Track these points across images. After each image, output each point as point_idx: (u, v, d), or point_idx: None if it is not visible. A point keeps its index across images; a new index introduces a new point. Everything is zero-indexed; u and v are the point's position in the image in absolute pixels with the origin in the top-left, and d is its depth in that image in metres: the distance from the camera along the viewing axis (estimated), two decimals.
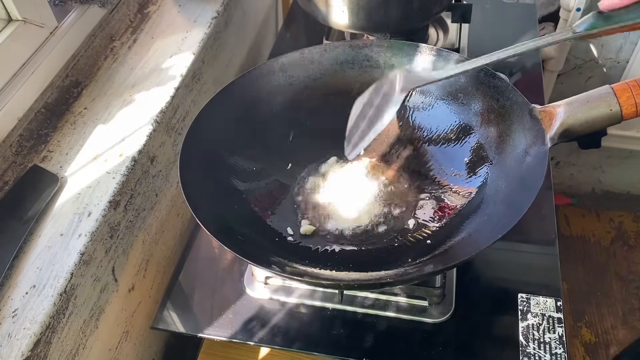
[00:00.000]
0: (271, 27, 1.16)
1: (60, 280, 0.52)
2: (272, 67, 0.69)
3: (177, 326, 0.63)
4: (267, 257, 0.56)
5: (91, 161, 0.63)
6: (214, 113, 0.63)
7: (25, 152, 0.63)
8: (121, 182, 0.61)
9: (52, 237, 0.55)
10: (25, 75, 0.63)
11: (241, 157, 0.65)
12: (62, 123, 0.67)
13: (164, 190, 0.73)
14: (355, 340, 0.59)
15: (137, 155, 0.64)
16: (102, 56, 0.76)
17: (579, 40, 0.49)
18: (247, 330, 0.61)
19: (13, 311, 0.50)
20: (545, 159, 0.52)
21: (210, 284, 0.66)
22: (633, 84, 0.51)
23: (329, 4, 0.75)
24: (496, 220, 0.54)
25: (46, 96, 0.66)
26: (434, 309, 0.60)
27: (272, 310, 0.62)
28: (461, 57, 0.65)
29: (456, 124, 0.66)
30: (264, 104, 0.69)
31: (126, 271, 0.64)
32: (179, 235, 0.78)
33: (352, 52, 0.70)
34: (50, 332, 0.50)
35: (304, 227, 0.62)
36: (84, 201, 0.59)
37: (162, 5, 0.86)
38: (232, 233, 0.57)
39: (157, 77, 0.73)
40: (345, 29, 0.80)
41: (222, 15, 0.86)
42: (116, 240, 0.61)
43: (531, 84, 0.85)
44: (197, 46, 0.78)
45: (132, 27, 0.81)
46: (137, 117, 0.67)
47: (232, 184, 0.63)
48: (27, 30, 0.64)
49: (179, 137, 0.75)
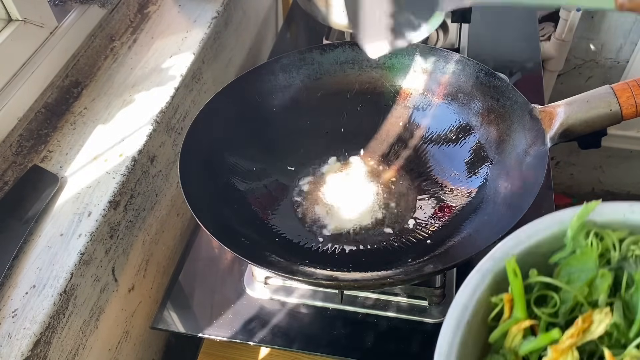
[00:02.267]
0: (271, 27, 1.16)
1: (60, 280, 0.52)
2: (272, 67, 0.69)
3: (177, 326, 0.63)
4: (267, 257, 0.56)
5: (91, 161, 0.63)
6: (214, 113, 0.63)
7: (25, 152, 0.63)
8: (121, 182, 0.61)
9: (52, 237, 0.55)
10: (25, 75, 0.63)
11: (241, 157, 0.65)
12: (62, 123, 0.67)
13: (164, 190, 0.73)
14: (355, 341, 0.59)
15: (137, 155, 0.64)
16: (102, 56, 0.76)
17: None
18: (247, 331, 0.61)
19: (13, 311, 0.50)
20: (545, 159, 0.52)
21: (210, 284, 0.66)
22: (633, 84, 0.52)
23: (329, 4, 0.75)
24: (496, 220, 0.54)
25: (46, 96, 0.66)
26: (434, 309, 0.60)
27: (272, 311, 0.62)
28: (462, 56, 0.65)
29: (456, 124, 0.66)
30: (264, 104, 0.69)
31: (126, 271, 0.64)
32: (179, 235, 0.78)
33: (352, 52, 0.70)
34: (50, 332, 0.50)
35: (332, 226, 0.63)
36: (84, 201, 0.59)
37: (162, 5, 0.86)
38: (232, 233, 0.57)
39: (157, 77, 0.73)
40: (345, 28, 0.80)
41: (222, 15, 0.86)
42: (116, 240, 0.61)
43: (531, 84, 0.85)
44: (197, 46, 0.78)
45: (132, 27, 0.81)
46: (137, 117, 0.67)
47: (232, 184, 0.63)
48: (27, 30, 0.64)
49: (179, 137, 0.75)
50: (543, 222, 0.40)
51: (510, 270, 0.37)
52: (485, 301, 0.38)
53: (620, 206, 0.39)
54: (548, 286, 0.38)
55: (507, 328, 0.37)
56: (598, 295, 0.36)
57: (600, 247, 0.37)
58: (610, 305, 0.35)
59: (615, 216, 0.38)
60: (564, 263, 0.38)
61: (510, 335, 0.36)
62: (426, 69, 0.68)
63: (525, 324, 0.36)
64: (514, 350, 0.36)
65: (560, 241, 0.39)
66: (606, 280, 0.36)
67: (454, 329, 0.35)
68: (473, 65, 0.64)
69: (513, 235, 0.40)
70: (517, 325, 0.36)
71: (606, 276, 0.36)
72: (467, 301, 0.37)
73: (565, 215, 0.39)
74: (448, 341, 0.35)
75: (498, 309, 0.37)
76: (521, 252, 0.39)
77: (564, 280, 0.37)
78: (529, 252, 0.39)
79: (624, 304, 0.35)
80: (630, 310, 0.35)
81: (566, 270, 0.38)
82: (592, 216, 0.38)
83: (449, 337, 0.35)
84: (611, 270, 0.36)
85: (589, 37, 1.27)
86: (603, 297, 0.35)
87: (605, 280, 0.36)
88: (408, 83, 0.70)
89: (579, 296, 0.36)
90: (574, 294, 0.36)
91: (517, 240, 0.40)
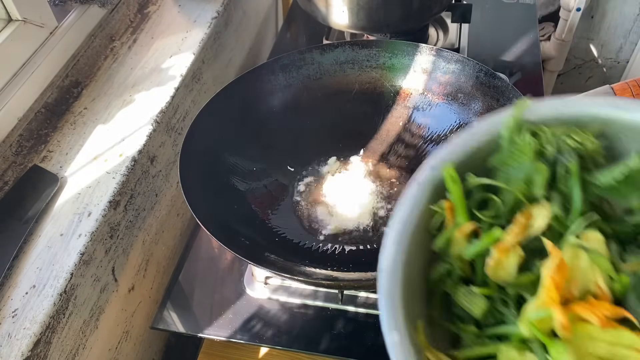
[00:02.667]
0: (271, 27, 1.16)
1: (60, 280, 0.52)
2: (272, 67, 0.69)
3: (177, 326, 0.63)
4: (267, 257, 0.56)
5: (91, 161, 0.63)
6: (214, 113, 0.63)
7: (25, 152, 0.63)
8: (121, 182, 0.61)
9: (52, 237, 0.55)
10: (25, 75, 0.63)
11: (241, 157, 0.65)
12: (62, 123, 0.67)
13: (164, 190, 0.73)
14: (355, 341, 0.59)
15: (137, 155, 0.64)
16: (102, 56, 0.76)
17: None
18: (247, 330, 0.61)
19: (13, 311, 0.50)
20: None
21: (210, 284, 0.66)
22: (633, 84, 0.52)
23: (329, 4, 0.75)
24: None
25: (46, 96, 0.66)
26: None
27: (272, 310, 0.62)
28: (462, 56, 0.65)
29: (456, 124, 0.66)
30: (264, 104, 0.69)
31: (126, 271, 0.64)
32: (179, 235, 0.78)
33: (352, 52, 0.70)
34: (50, 332, 0.50)
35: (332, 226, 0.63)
36: (84, 201, 0.59)
37: (162, 5, 0.86)
38: (232, 233, 0.57)
39: (157, 77, 0.73)
40: (345, 29, 0.80)
41: (222, 15, 0.86)
42: (116, 240, 0.61)
43: (531, 84, 0.85)
44: (197, 46, 0.78)
45: (132, 27, 0.81)
46: (137, 117, 0.67)
47: (232, 184, 0.63)
48: (27, 30, 0.64)
49: (179, 137, 0.75)
50: (479, 126, 0.40)
51: (448, 176, 0.38)
52: (426, 212, 0.37)
53: (553, 102, 0.39)
54: (488, 190, 0.38)
55: (450, 235, 0.37)
56: (536, 190, 0.36)
57: (535, 144, 0.37)
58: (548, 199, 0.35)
59: (548, 112, 0.39)
60: (501, 164, 0.38)
61: (454, 242, 0.36)
62: (426, 69, 0.68)
63: (467, 226, 0.36)
64: (459, 256, 0.36)
65: (497, 145, 0.39)
66: (543, 175, 0.36)
67: (397, 243, 0.35)
68: (473, 65, 0.64)
69: (449, 143, 0.39)
70: (460, 230, 0.36)
71: (542, 170, 0.36)
72: (407, 213, 0.36)
73: (500, 118, 0.40)
74: (391, 256, 0.34)
75: (439, 218, 0.37)
76: (459, 159, 0.38)
77: (503, 181, 0.38)
78: (467, 159, 0.39)
79: (562, 196, 0.35)
80: (569, 201, 0.36)
81: (504, 171, 0.38)
82: (526, 115, 0.38)
83: (392, 251, 0.34)
84: (548, 165, 0.36)
85: (589, 37, 1.27)
86: (541, 191, 0.35)
87: (541, 175, 0.36)
88: (408, 83, 0.70)
89: (517, 193, 0.36)
90: (513, 192, 0.36)
91: (454, 147, 0.40)
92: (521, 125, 0.38)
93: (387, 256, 0.34)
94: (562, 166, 0.36)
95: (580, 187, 0.35)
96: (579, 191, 0.34)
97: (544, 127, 0.38)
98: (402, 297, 0.32)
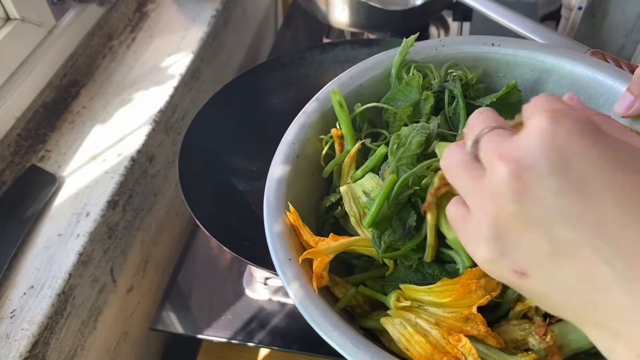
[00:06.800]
0: (271, 26, 1.16)
1: (59, 281, 0.52)
2: (272, 66, 0.69)
3: (176, 327, 0.62)
4: (266, 258, 0.56)
5: (89, 161, 0.62)
6: (213, 112, 0.63)
7: (23, 152, 0.63)
8: (119, 182, 0.60)
9: (50, 238, 0.55)
10: (24, 74, 0.63)
11: (241, 157, 0.65)
12: (60, 122, 0.67)
13: (163, 190, 0.72)
14: None
15: (136, 155, 0.63)
16: (101, 55, 0.75)
17: None
18: (246, 332, 0.60)
19: (11, 312, 0.49)
20: None
21: (209, 284, 0.66)
22: None
23: (330, 2, 0.75)
24: None
25: (44, 95, 0.66)
26: None
27: (272, 311, 0.62)
28: None
29: None
30: (264, 103, 0.69)
31: (125, 272, 0.64)
32: (178, 236, 0.78)
33: (353, 50, 0.70)
34: (48, 333, 0.50)
35: None
36: (82, 201, 0.58)
37: (161, 3, 0.85)
38: (232, 233, 0.56)
39: (155, 76, 0.73)
40: (345, 27, 0.79)
41: (222, 14, 0.86)
42: (114, 241, 0.61)
43: None
44: (196, 45, 0.78)
45: (131, 26, 0.81)
46: (135, 117, 0.67)
47: (232, 184, 0.63)
48: (25, 29, 0.64)
49: (177, 137, 0.75)
50: (365, 64, 0.43)
51: (336, 102, 0.41)
52: (314, 140, 0.41)
53: (432, 42, 0.44)
54: (375, 126, 0.42)
55: (339, 161, 0.40)
56: (422, 115, 0.40)
57: (421, 77, 0.41)
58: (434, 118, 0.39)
59: (429, 52, 0.43)
60: (390, 98, 0.42)
61: (344, 169, 0.40)
62: None
63: (354, 149, 0.39)
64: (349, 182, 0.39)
65: (385, 86, 0.43)
66: (429, 102, 0.40)
67: (282, 164, 0.38)
68: None
69: (337, 78, 0.43)
70: (348, 155, 0.39)
71: (429, 97, 0.40)
72: (293, 138, 0.40)
73: (386, 56, 0.44)
74: (277, 177, 0.37)
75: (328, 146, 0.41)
76: (347, 94, 0.42)
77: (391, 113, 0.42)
78: (355, 95, 0.42)
79: (448, 119, 0.40)
80: (454, 123, 0.40)
81: (393, 104, 0.42)
82: (410, 56, 0.42)
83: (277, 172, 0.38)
84: (433, 94, 0.40)
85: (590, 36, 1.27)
86: (427, 114, 0.40)
87: (428, 102, 0.40)
88: None
89: (403, 116, 0.40)
90: (399, 115, 0.40)
91: (341, 81, 0.43)
92: (407, 64, 0.42)
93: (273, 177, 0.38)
94: (447, 91, 0.40)
95: (464, 105, 0.39)
96: (464, 107, 0.39)
97: (430, 64, 0.42)
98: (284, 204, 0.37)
